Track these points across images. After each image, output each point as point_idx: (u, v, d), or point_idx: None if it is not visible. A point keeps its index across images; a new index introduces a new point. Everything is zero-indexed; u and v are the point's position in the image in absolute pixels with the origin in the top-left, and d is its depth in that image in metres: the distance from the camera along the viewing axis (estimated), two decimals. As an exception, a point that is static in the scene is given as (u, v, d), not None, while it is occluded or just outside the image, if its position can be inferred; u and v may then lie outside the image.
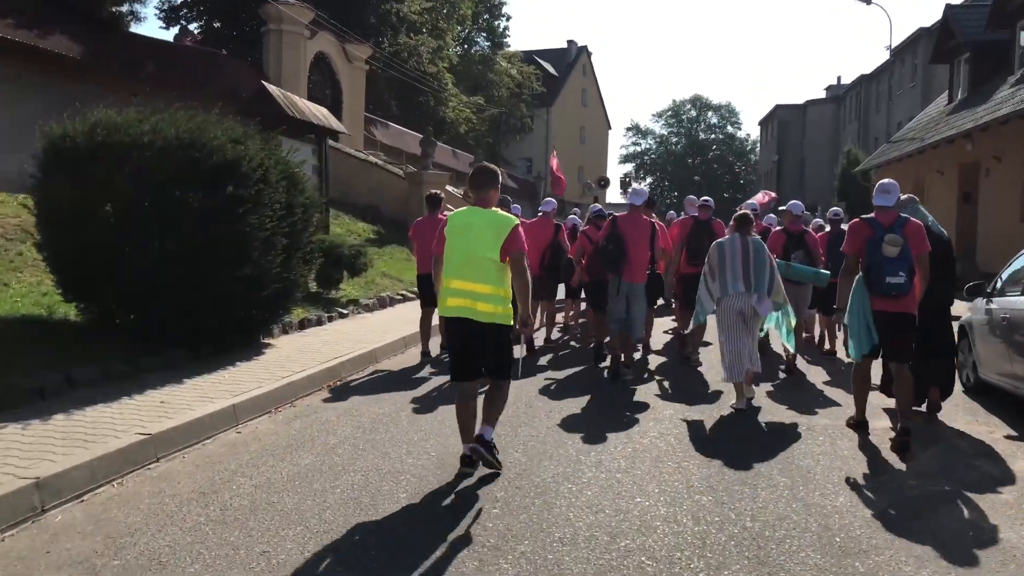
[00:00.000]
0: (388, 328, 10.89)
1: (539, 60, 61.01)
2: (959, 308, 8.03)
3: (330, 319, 11.27)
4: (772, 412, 7.27)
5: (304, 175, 9.39)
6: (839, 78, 62.36)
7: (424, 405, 7.37)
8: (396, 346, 10.06)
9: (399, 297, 13.95)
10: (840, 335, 9.62)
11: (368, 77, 33.03)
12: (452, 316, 5.16)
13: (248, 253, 8.05)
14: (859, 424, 6.49)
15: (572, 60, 65.14)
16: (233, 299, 8.15)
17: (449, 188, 25.93)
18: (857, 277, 6.14)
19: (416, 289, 10.59)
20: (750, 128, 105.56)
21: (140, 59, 17.13)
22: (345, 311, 11.80)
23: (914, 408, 6.57)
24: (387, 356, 9.75)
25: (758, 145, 77.46)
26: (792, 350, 8.52)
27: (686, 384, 8.48)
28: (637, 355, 9.64)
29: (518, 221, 5.23)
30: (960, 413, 7.32)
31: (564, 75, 63.56)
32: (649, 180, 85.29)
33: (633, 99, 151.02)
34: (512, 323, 5.22)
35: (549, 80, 61.26)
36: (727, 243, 7.49)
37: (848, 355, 6.69)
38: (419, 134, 37.73)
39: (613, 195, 64.43)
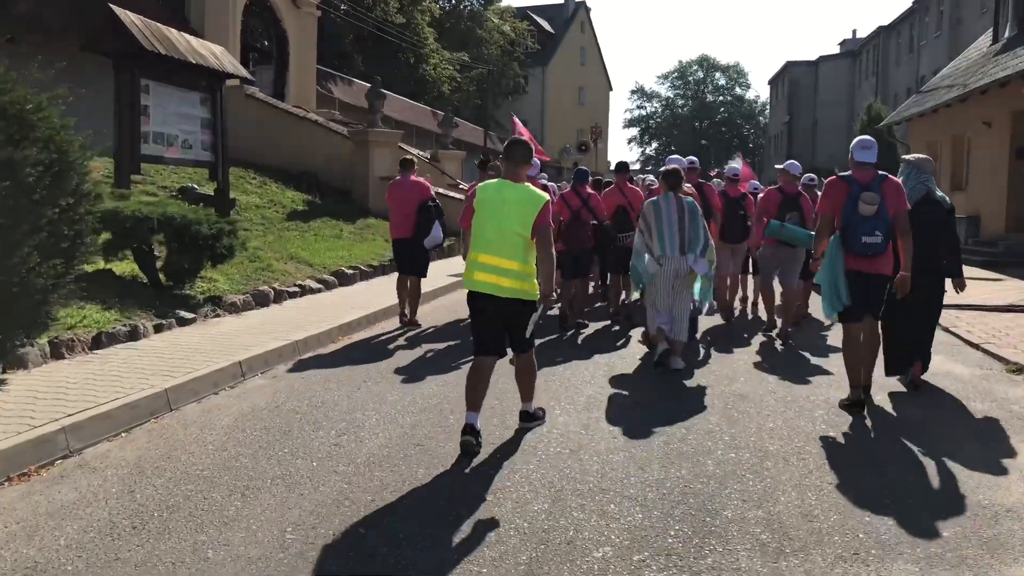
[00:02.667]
0: (232, 344, 7.54)
1: (534, 16, 57.71)
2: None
3: (159, 328, 7.92)
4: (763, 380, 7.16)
5: (53, 124, 5.89)
6: (854, 31, 59.87)
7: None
8: (199, 387, 6.25)
9: (295, 290, 10.58)
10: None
11: (333, 29, 29.78)
12: (478, 291, 5.11)
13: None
14: (855, 403, 6.01)
15: (570, 16, 61.61)
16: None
17: (409, 149, 22.53)
18: (833, 236, 6.00)
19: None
20: (759, 89, 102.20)
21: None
22: (191, 315, 8.45)
23: (896, 378, 6.83)
24: (151, 415, 5.68)
25: (768, 107, 74.31)
26: (709, 305, 8.21)
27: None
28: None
29: (548, 198, 5.15)
30: None
31: (561, 32, 60.17)
32: (655, 145, 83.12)
33: (637, 60, 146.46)
34: (535, 299, 5.14)
35: (545, 38, 58.11)
36: (662, 203, 7.34)
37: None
38: (398, 94, 34.51)
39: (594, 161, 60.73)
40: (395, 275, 9.91)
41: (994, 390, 6.71)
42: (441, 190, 17.06)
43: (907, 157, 6.93)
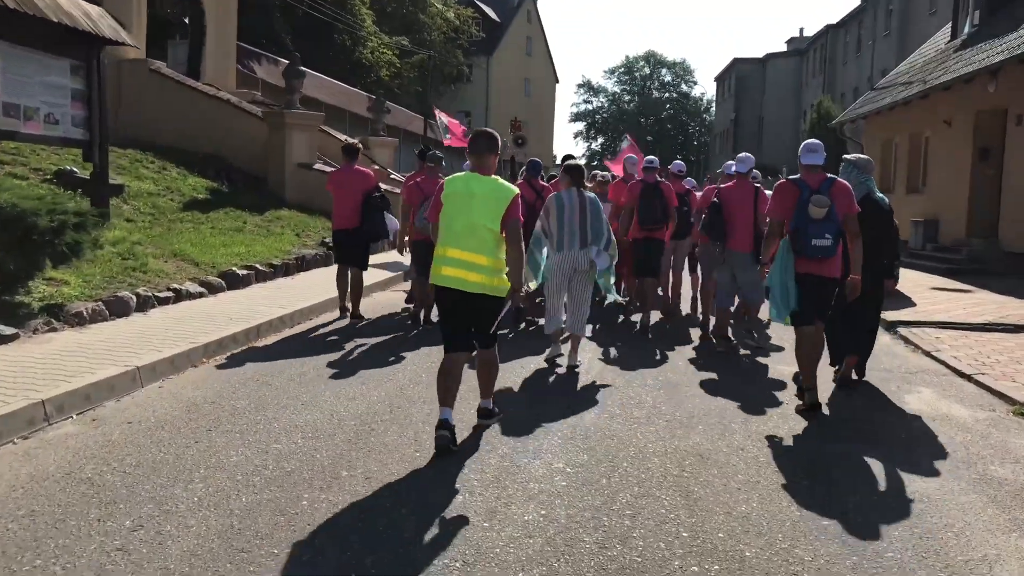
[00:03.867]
0: (35, 375, 5.84)
1: (479, 3, 55.94)
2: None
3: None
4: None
5: None
6: (801, 30, 59.44)
7: None
8: None
9: (168, 295, 8.82)
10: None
11: (260, 5, 27.72)
12: (445, 286, 4.96)
13: None
14: (813, 406, 5.92)
15: (516, 5, 59.88)
16: None
17: (334, 134, 20.78)
18: (783, 239, 5.91)
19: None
20: (706, 85, 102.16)
21: None
22: (12, 331, 6.69)
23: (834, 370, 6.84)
24: None
25: (713, 104, 73.96)
26: (618, 299, 9.14)
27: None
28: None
29: (518, 192, 5.05)
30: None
31: (507, 21, 58.66)
32: (601, 140, 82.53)
33: (584, 54, 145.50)
34: (504, 295, 5.00)
35: (490, 26, 56.41)
36: (564, 197, 7.30)
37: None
38: (332, 78, 32.52)
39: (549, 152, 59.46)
40: (300, 275, 9.78)
41: (1009, 444, 5.38)
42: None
43: (848, 157, 6.92)
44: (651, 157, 9.65)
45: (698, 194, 10.16)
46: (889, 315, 9.79)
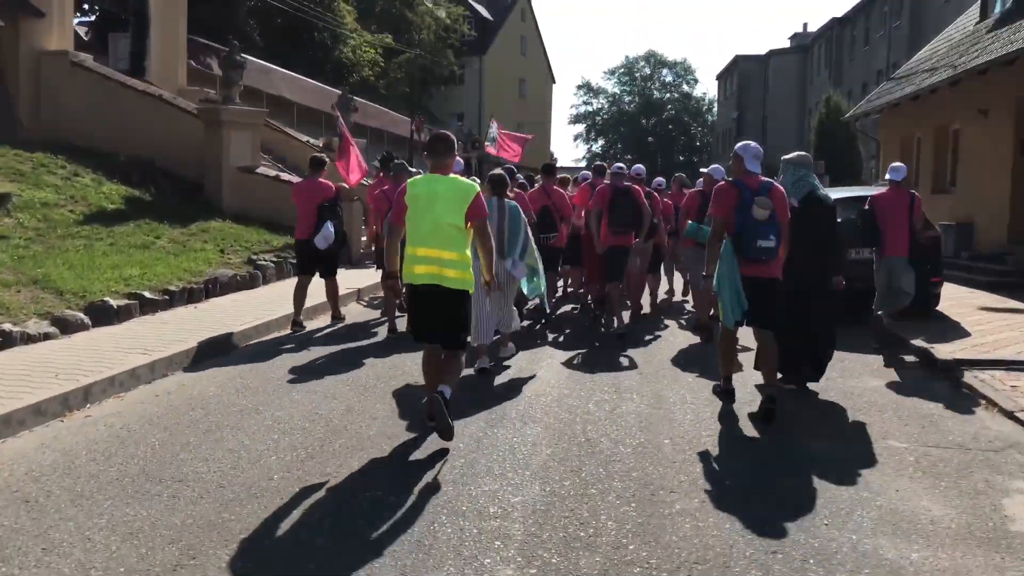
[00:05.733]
0: None
1: (470, 2, 53.79)
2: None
3: None
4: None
5: None
6: (805, 25, 57.63)
7: None
8: None
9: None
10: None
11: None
12: (421, 284, 5.13)
13: None
14: (726, 392, 6.18)
15: (509, 3, 57.96)
16: None
17: (297, 135, 18.73)
18: (724, 242, 5.95)
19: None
20: (708, 84, 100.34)
21: None
22: None
23: (787, 384, 6.55)
24: None
25: (715, 103, 72.16)
26: (548, 308, 9.45)
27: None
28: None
29: (479, 188, 5.28)
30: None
31: (500, 19, 56.90)
32: (601, 142, 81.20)
33: (582, 54, 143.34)
34: (470, 288, 5.25)
35: (483, 25, 54.44)
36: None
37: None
38: (310, 79, 30.40)
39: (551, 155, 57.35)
40: (212, 301, 9.27)
41: None
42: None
43: (785, 157, 6.84)
44: (619, 164, 9.83)
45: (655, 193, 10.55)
46: (942, 349, 7.63)
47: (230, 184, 14.43)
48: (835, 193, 10.47)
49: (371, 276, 11.82)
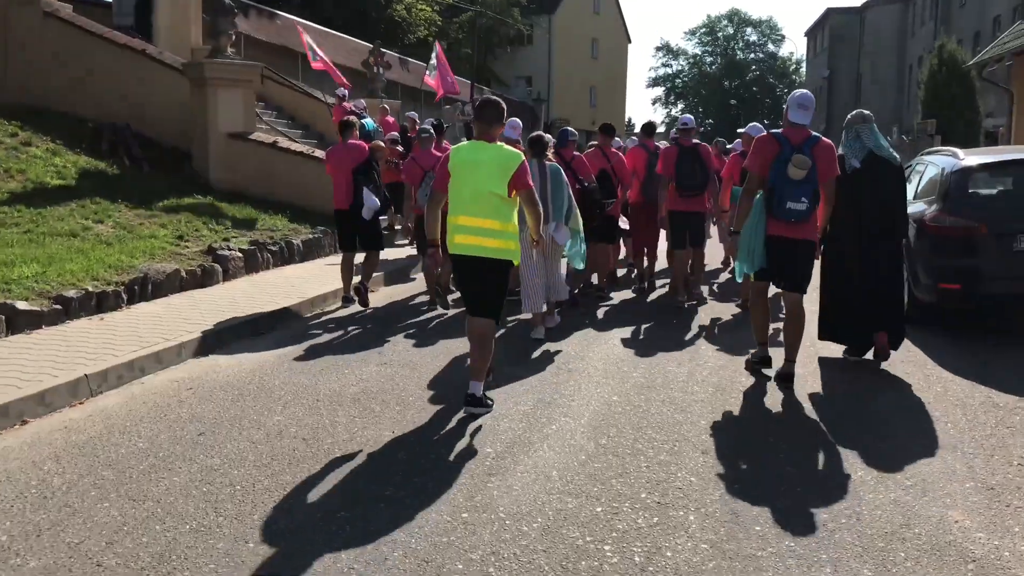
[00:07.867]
0: None
1: (539, -45, 50.58)
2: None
3: None
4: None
5: None
6: (907, -29, 51.49)
7: None
8: None
9: None
10: None
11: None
12: (462, 254, 5.07)
13: None
14: (762, 360, 5.89)
15: (581, -43, 54.33)
16: None
17: (296, 82, 16.39)
18: (759, 197, 5.65)
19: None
20: (795, 43, 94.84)
21: None
22: None
23: (863, 357, 6.29)
24: None
25: (803, 63, 67.67)
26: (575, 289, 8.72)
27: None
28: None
29: (523, 157, 5.10)
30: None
31: (572, -25, 53.02)
32: (681, 105, 77.58)
33: (662, 14, 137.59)
34: (514, 258, 5.14)
35: (552, -20, 51.02)
36: None
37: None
38: (361, 40, 27.84)
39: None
40: (134, 308, 7.41)
41: None
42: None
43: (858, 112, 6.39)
44: (687, 116, 9.31)
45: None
46: None
47: (218, 153, 12.10)
48: (983, 157, 7.83)
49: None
